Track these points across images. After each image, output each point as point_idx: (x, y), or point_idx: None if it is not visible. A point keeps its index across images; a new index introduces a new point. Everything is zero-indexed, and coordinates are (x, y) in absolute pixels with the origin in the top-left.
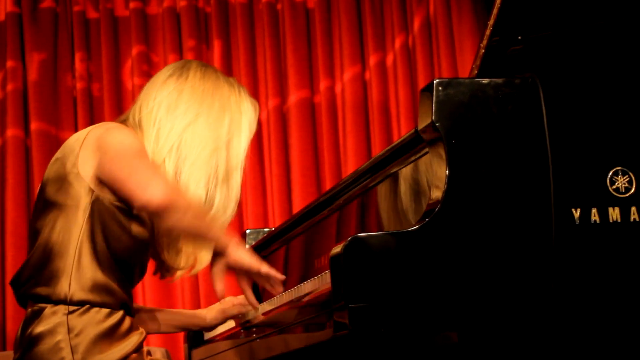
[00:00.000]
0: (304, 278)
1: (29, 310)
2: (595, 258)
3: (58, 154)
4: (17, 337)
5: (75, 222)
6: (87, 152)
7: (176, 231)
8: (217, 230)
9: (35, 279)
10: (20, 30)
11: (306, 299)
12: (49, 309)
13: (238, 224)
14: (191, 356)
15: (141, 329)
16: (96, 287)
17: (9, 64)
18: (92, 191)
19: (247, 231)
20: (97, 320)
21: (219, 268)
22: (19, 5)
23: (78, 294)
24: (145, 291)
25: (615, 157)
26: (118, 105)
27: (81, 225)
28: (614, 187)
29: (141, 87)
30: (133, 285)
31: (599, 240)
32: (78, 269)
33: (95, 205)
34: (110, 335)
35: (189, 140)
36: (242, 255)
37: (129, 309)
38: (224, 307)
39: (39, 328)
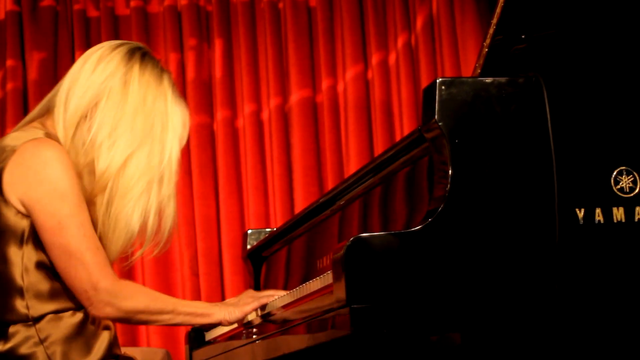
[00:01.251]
0: (305, 279)
1: None
2: (599, 258)
3: None
4: None
5: (16, 246)
6: (16, 178)
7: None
8: (184, 315)
9: None
10: (20, 28)
11: (308, 299)
12: (11, 327)
13: (239, 224)
14: (192, 357)
15: (108, 322)
16: (54, 296)
17: (9, 63)
18: (26, 216)
19: (249, 231)
20: (64, 322)
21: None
22: (18, 3)
23: (38, 309)
24: None
25: (620, 156)
26: None
27: (22, 249)
28: (618, 187)
29: None
30: None
31: (603, 241)
32: (30, 288)
33: (33, 226)
34: (81, 331)
35: (126, 175)
36: (233, 315)
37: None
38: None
39: (6, 345)
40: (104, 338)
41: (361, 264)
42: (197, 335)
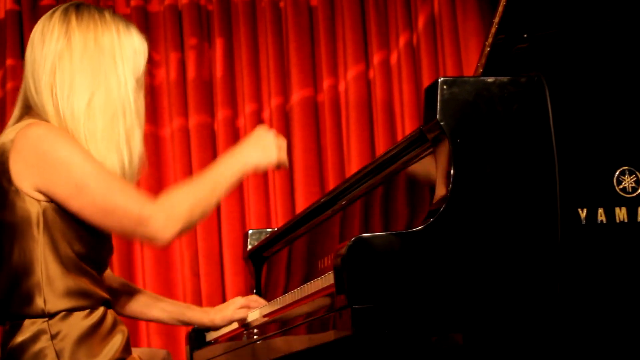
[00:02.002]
0: (307, 279)
1: (8, 325)
2: (601, 259)
3: None
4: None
5: (32, 238)
6: (22, 166)
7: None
8: (222, 180)
9: (7, 303)
10: (20, 28)
11: (309, 300)
12: (27, 322)
13: (240, 224)
14: (193, 358)
15: (123, 326)
16: (71, 294)
17: (9, 62)
18: (39, 202)
19: (250, 231)
20: (79, 321)
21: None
22: (18, 3)
23: (54, 305)
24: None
25: (622, 156)
26: None
27: (39, 239)
28: (621, 187)
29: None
30: (106, 267)
31: (605, 241)
32: (48, 283)
33: (47, 215)
34: (94, 333)
35: (91, 118)
36: (263, 161)
37: (108, 303)
38: (232, 311)
39: (20, 338)
40: (115, 341)
41: (363, 264)
42: (197, 335)
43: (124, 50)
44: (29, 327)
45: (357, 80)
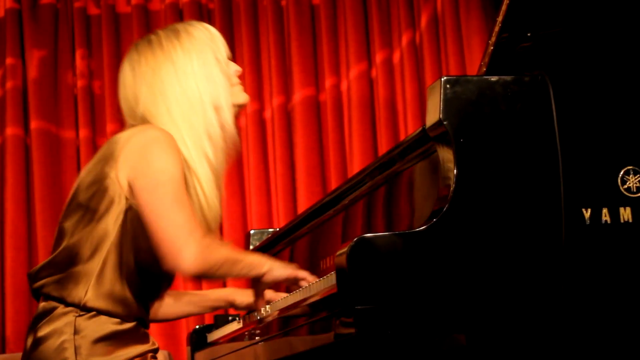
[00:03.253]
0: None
1: (41, 306)
2: (606, 259)
3: (98, 156)
4: (27, 335)
5: (106, 230)
6: (128, 160)
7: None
8: (248, 266)
9: (54, 279)
10: (20, 26)
11: (311, 300)
12: (60, 309)
13: (242, 224)
14: (194, 359)
15: (153, 341)
16: (112, 298)
17: (9, 61)
18: (127, 199)
19: (251, 232)
20: (106, 324)
21: (259, 289)
22: (18, 1)
23: (92, 301)
24: None
25: (627, 156)
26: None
27: (111, 234)
28: (625, 186)
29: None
30: (157, 296)
31: (609, 241)
32: (99, 278)
33: (128, 214)
34: (117, 339)
35: (192, 128)
36: (278, 273)
37: (144, 322)
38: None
39: (46, 329)
40: (134, 349)
41: (365, 264)
42: (199, 336)
43: (193, 61)
44: (58, 318)
45: (360, 79)
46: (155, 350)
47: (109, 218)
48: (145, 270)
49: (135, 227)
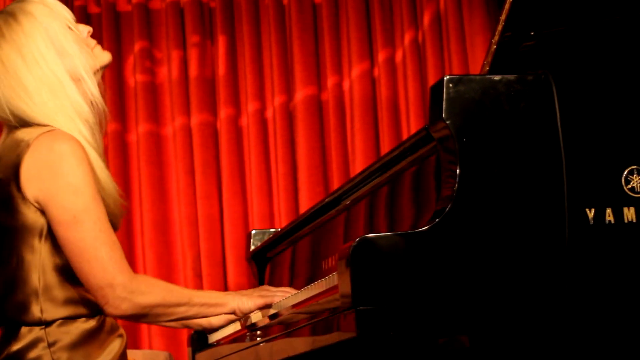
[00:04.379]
0: (310, 280)
1: (3, 330)
2: (609, 259)
3: None
4: None
5: (32, 246)
6: (32, 174)
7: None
8: (199, 307)
9: (3, 308)
10: None
11: (313, 301)
12: (24, 329)
13: (243, 225)
14: None
15: (121, 330)
16: (69, 302)
17: None
18: (42, 212)
19: (253, 232)
20: (76, 326)
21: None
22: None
23: (51, 314)
24: None
25: (630, 155)
26: (120, 103)
27: (39, 248)
28: (629, 186)
29: (143, 83)
30: None
31: (613, 241)
32: (46, 292)
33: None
34: (91, 338)
35: (62, 85)
36: (245, 306)
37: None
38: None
39: (16, 346)
40: (114, 346)
41: (367, 265)
42: (199, 337)
43: (40, 24)
44: (26, 335)
45: (362, 78)
46: (125, 344)
47: (32, 234)
48: None
49: None
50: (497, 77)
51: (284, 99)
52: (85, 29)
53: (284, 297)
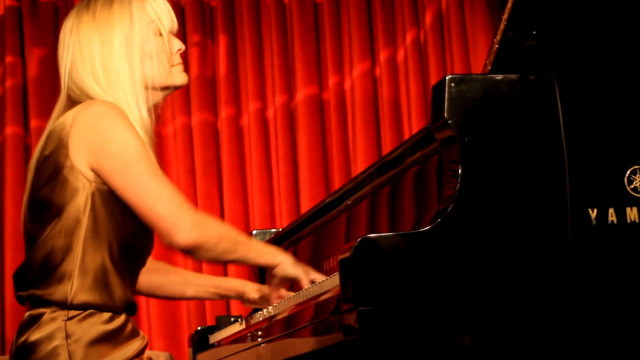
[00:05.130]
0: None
1: (27, 314)
2: (612, 260)
3: (42, 150)
4: (13, 342)
5: (77, 220)
6: (82, 144)
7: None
8: (256, 250)
9: (37, 282)
10: (19, 24)
11: (314, 301)
12: (47, 314)
13: (244, 225)
14: None
15: (142, 334)
16: (98, 287)
17: (8, 59)
18: (90, 182)
19: (254, 232)
20: (97, 324)
21: (274, 282)
22: None
23: (79, 295)
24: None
25: (633, 155)
26: None
27: (83, 223)
28: (632, 186)
29: None
30: (141, 268)
31: (616, 241)
32: (81, 272)
33: (96, 197)
34: (110, 339)
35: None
36: (290, 270)
37: (132, 309)
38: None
39: (36, 335)
40: (132, 347)
41: (369, 265)
42: (201, 338)
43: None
44: (47, 324)
45: (363, 77)
46: (145, 345)
47: (76, 208)
48: (126, 248)
49: (108, 206)
50: (499, 77)
51: (285, 99)
52: (177, 46)
53: (318, 278)
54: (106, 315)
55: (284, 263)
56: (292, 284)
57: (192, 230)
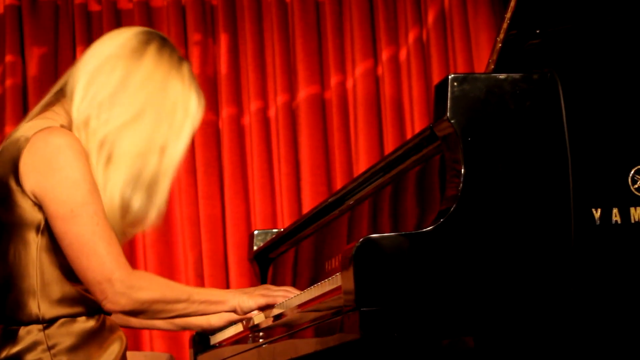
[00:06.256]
0: (314, 281)
1: (2, 331)
2: (616, 260)
3: None
4: None
5: (30, 241)
6: (29, 169)
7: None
8: (199, 303)
9: (2, 304)
10: (19, 23)
11: (316, 302)
12: (22, 329)
13: (246, 225)
14: None
15: (121, 332)
16: (66, 300)
17: (8, 58)
18: (40, 207)
19: (255, 232)
20: (75, 327)
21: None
22: None
23: (49, 312)
24: None
25: (637, 155)
26: None
27: (37, 243)
28: (636, 186)
29: None
30: None
31: (620, 242)
32: (43, 287)
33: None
34: (91, 339)
35: (121, 140)
36: (246, 304)
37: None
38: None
39: (16, 348)
40: (114, 349)
41: (371, 265)
42: (201, 339)
43: (191, 103)
44: (25, 337)
45: (366, 77)
46: (125, 347)
47: (30, 229)
48: None
49: None
50: (502, 76)
51: (286, 98)
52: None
53: (286, 297)
54: (81, 318)
55: (239, 301)
56: (295, 281)
57: (120, 298)
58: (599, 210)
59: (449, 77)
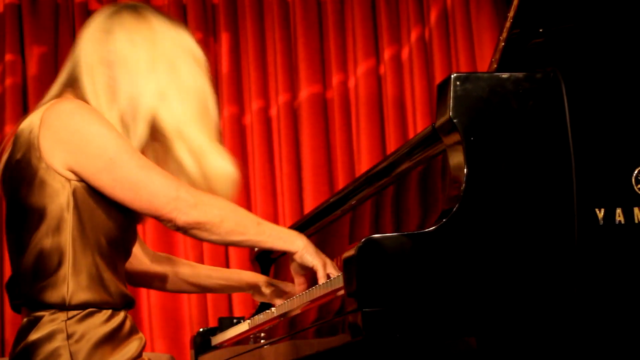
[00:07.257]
0: (315, 281)
1: (25, 319)
2: (620, 260)
3: (10, 154)
4: (13, 348)
5: (62, 221)
6: (52, 143)
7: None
8: (269, 234)
9: (32, 288)
10: (19, 22)
11: (318, 303)
12: (47, 316)
13: None
14: None
15: (141, 334)
16: (94, 283)
17: (8, 57)
18: (69, 181)
19: None
20: (97, 324)
21: (293, 268)
22: None
23: (77, 295)
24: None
25: None
26: None
27: (68, 222)
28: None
29: None
30: (129, 257)
31: (623, 242)
32: (74, 271)
33: (78, 195)
34: (111, 339)
35: (143, 98)
36: (308, 259)
37: (130, 303)
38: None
39: (36, 335)
40: (131, 347)
41: (373, 266)
42: (203, 339)
43: (181, 41)
44: (47, 325)
45: (368, 76)
46: (144, 345)
47: (59, 208)
48: (113, 241)
49: (90, 204)
50: (505, 75)
51: (288, 97)
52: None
53: (333, 275)
54: (106, 313)
55: (303, 250)
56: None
57: (192, 209)
58: (603, 210)
59: (452, 76)
